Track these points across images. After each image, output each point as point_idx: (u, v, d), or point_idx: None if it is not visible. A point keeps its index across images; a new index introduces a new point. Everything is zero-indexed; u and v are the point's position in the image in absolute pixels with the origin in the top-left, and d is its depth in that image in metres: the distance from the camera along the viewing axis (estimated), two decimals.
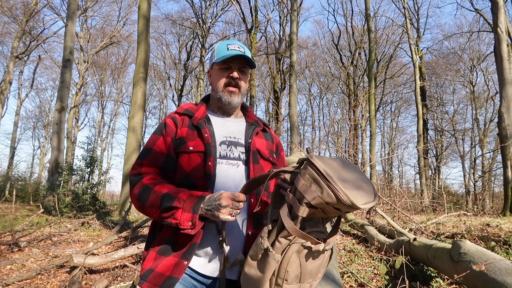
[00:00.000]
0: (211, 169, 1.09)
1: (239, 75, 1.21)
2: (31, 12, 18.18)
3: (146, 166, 1.12)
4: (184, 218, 0.96)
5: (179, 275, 0.98)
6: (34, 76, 25.85)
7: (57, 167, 11.25)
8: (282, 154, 1.36)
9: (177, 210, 0.97)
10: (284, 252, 0.84)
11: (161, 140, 1.15)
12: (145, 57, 10.02)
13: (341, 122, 29.59)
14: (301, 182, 0.80)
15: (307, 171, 0.80)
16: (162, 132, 1.17)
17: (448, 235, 4.98)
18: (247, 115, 1.32)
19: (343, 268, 3.36)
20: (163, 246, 1.06)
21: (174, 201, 0.98)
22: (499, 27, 10.20)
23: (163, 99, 32.54)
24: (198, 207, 0.96)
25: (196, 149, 1.12)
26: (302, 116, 32.69)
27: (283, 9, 22.27)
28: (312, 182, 0.78)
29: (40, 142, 30.64)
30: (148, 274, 1.02)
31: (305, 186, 0.79)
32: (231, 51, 1.19)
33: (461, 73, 22.66)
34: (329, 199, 0.75)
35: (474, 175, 18.46)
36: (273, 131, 1.39)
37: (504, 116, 9.71)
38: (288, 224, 0.80)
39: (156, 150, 1.14)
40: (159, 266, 1.02)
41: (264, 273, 0.84)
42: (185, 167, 1.11)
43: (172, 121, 1.19)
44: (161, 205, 0.99)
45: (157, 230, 1.11)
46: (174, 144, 1.15)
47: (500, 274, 2.18)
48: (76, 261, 3.67)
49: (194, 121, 1.18)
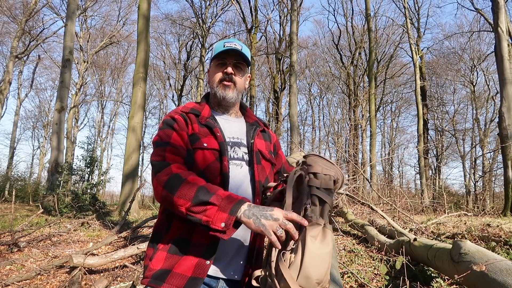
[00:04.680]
0: (226, 168, 1.08)
1: (234, 70, 1.21)
2: (31, 11, 18.18)
3: (171, 153, 1.04)
4: (219, 217, 0.88)
5: (203, 275, 0.96)
6: (34, 76, 25.91)
7: (56, 167, 11.25)
8: (280, 153, 1.35)
9: (212, 207, 0.89)
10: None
11: (176, 135, 1.09)
12: (145, 57, 10.01)
13: (341, 122, 29.62)
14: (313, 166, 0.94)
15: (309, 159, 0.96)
16: (174, 126, 1.11)
17: (448, 235, 4.97)
18: (247, 115, 1.32)
19: (343, 268, 3.35)
20: (174, 246, 1.01)
21: (211, 196, 0.90)
22: (499, 26, 10.19)
23: (163, 99, 32.55)
24: (237, 210, 0.88)
25: (210, 146, 1.10)
26: (302, 116, 32.73)
27: (283, 9, 22.29)
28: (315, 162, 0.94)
29: (40, 142, 30.67)
30: (165, 275, 0.97)
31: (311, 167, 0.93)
32: (226, 47, 1.19)
33: (461, 73, 22.64)
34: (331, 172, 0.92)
35: (475, 175, 18.45)
36: (271, 130, 1.39)
37: (505, 116, 9.70)
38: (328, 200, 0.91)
39: (175, 144, 1.07)
40: (175, 266, 0.97)
41: (329, 245, 0.86)
42: (200, 164, 1.08)
43: (181, 117, 1.15)
44: (195, 197, 0.90)
45: (163, 230, 1.07)
46: (189, 139, 1.10)
47: (500, 274, 2.17)
48: (76, 261, 3.66)
49: (201, 120, 1.16)
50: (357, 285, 3.16)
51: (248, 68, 1.29)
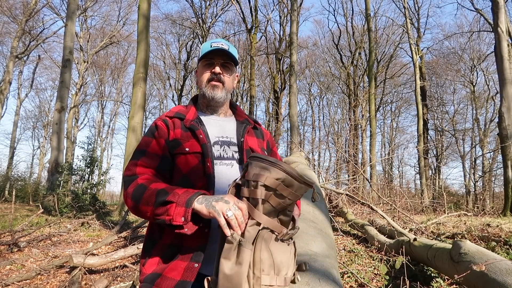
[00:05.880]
0: (210, 169, 1.08)
1: (222, 70, 1.21)
2: (31, 11, 18.18)
3: (141, 166, 1.09)
4: (177, 213, 0.90)
5: (191, 279, 0.96)
6: (34, 76, 25.89)
7: (56, 167, 11.25)
8: (274, 150, 1.35)
9: (171, 206, 0.91)
10: (254, 241, 0.85)
11: (154, 142, 1.13)
12: (145, 57, 10.01)
13: (341, 122, 29.63)
14: (251, 173, 0.89)
15: (252, 165, 0.90)
16: (154, 134, 1.14)
17: (448, 235, 4.97)
18: (237, 113, 1.32)
19: (343, 268, 3.35)
20: (166, 251, 1.03)
21: (169, 195, 0.93)
22: (499, 26, 10.19)
23: (163, 99, 32.55)
24: (192, 201, 0.91)
25: (192, 150, 1.11)
26: (302, 116, 32.73)
27: (283, 9, 22.28)
28: (260, 170, 0.88)
29: (40, 142, 30.66)
30: (155, 278, 0.99)
31: (256, 175, 0.88)
32: (213, 47, 1.19)
33: (461, 73, 22.64)
34: (278, 175, 0.86)
35: (475, 175, 18.46)
36: (264, 127, 1.38)
37: (505, 116, 9.70)
38: (252, 210, 0.88)
39: (150, 152, 1.12)
40: (166, 270, 0.99)
41: (242, 265, 0.82)
42: (182, 169, 1.10)
43: (164, 123, 1.17)
44: (155, 201, 0.94)
45: (156, 237, 1.08)
46: (168, 146, 1.12)
47: (500, 274, 2.17)
48: (76, 261, 3.66)
49: (186, 123, 1.16)
50: (357, 285, 3.16)
51: (235, 67, 1.29)
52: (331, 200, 6.94)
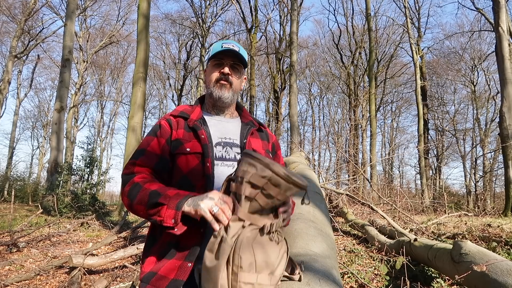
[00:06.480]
0: (209, 170, 1.08)
1: (231, 71, 1.22)
2: (30, 11, 18.15)
3: (139, 166, 1.11)
4: (168, 215, 0.93)
5: (184, 278, 0.97)
6: (33, 75, 25.86)
7: (56, 167, 11.23)
8: (278, 153, 1.35)
9: (162, 207, 0.95)
10: (236, 237, 0.86)
11: (155, 141, 1.14)
12: (144, 56, 9.99)
13: (341, 122, 29.58)
14: (240, 169, 0.90)
15: (243, 161, 0.91)
16: (156, 133, 1.16)
17: (449, 236, 4.96)
18: (242, 115, 1.31)
19: (343, 268, 3.34)
20: (164, 249, 1.04)
21: (160, 197, 0.96)
22: (500, 26, 10.17)
23: (163, 99, 32.57)
24: (182, 204, 0.93)
25: (193, 150, 1.11)
26: (302, 116, 32.72)
27: (283, 9, 22.25)
28: (248, 166, 0.88)
29: (39, 142, 30.66)
30: (151, 277, 1.01)
31: (243, 171, 0.88)
32: (224, 48, 1.19)
33: (462, 73, 22.61)
34: (263, 173, 0.85)
35: (475, 175, 18.41)
36: (270, 130, 1.38)
37: (506, 116, 9.68)
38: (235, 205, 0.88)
39: (150, 151, 1.13)
40: (161, 269, 1.01)
41: (219, 259, 0.84)
42: (182, 169, 1.10)
43: (167, 122, 1.18)
44: (148, 201, 0.97)
45: (157, 234, 1.09)
46: (170, 146, 1.14)
47: (501, 274, 2.16)
48: (75, 261, 3.65)
49: (189, 123, 1.17)
50: (357, 285, 3.15)
51: (244, 69, 1.29)
52: (331, 200, 6.93)
